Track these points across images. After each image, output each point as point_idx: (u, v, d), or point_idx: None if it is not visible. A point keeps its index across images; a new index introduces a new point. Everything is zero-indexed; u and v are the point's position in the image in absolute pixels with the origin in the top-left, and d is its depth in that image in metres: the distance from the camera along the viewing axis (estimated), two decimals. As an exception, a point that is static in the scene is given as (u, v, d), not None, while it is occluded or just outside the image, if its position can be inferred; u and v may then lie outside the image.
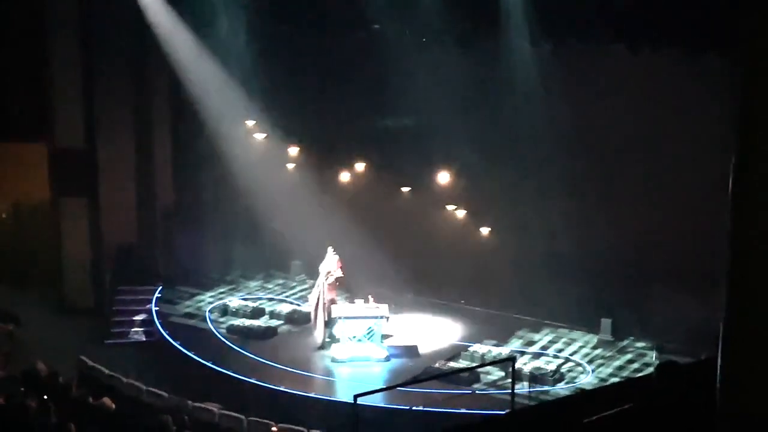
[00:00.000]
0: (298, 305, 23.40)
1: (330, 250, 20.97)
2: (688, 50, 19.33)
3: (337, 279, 20.95)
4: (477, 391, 18.67)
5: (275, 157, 24.55)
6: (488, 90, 22.50)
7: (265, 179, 24.00)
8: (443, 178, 23.69)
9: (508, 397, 17.53)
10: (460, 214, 23.87)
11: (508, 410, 14.52)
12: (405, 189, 24.20)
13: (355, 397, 8.83)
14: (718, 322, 7.94)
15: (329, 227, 22.59)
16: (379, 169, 24.23)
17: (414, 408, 16.64)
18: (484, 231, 23.80)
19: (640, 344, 21.20)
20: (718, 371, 7.65)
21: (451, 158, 23.38)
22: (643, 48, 20.00)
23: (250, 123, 24.46)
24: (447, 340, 21.64)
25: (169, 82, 24.38)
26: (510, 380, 18.94)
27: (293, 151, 24.72)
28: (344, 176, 24.59)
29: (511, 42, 21.42)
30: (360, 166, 24.48)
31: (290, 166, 24.82)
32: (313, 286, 22.09)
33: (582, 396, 9.86)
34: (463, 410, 17.20)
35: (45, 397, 16.07)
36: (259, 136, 24.61)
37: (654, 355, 20.03)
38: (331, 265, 20.91)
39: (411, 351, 21.11)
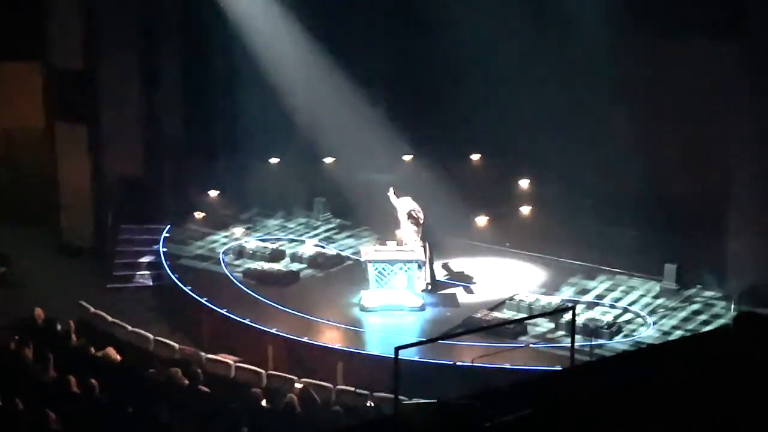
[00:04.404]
0: (323, 247, 23.39)
1: (391, 191, 20.91)
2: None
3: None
4: (530, 345, 18.64)
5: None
6: (546, 31, 23.09)
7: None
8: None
9: (563, 352, 17.73)
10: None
11: (565, 366, 14.49)
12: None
13: (396, 349, 8.75)
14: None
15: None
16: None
17: (458, 364, 16.63)
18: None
19: (708, 293, 21.01)
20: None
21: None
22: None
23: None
24: (490, 287, 21.57)
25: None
26: (563, 333, 19.22)
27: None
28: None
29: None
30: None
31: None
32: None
33: (650, 351, 9.79)
34: (511, 366, 17.24)
35: (42, 346, 16.18)
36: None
37: (732, 305, 19.88)
38: (408, 205, 20.80)
39: (449, 299, 21.09)
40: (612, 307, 20.73)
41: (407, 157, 25.60)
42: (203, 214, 24.22)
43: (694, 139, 22.30)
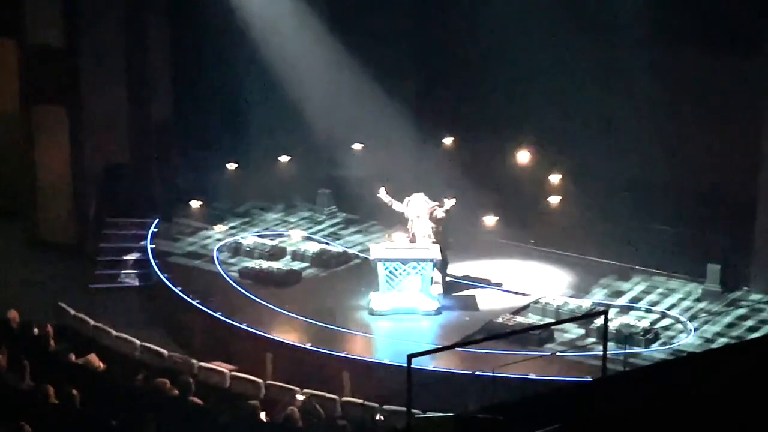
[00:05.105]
0: (327, 244, 23.44)
1: (383, 191, 20.91)
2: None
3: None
4: (558, 353, 18.68)
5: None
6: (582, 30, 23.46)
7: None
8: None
9: (594, 361, 17.78)
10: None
11: (596, 377, 14.54)
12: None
13: (409, 357, 8.79)
14: None
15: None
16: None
17: (477, 374, 16.68)
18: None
19: (755, 296, 21.03)
20: None
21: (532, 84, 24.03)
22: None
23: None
24: (514, 288, 21.61)
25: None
26: (594, 340, 19.26)
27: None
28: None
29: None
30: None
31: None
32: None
33: (690, 360, 9.84)
34: (536, 376, 17.34)
35: (17, 352, 16.22)
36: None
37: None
38: (424, 202, 20.85)
39: (468, 302, 21.12)
40: (648, 311, 20.76)
41: (357, 146, 25.91)
42: (225, 227, 24.23)
43: (739, 134, 22.34)
